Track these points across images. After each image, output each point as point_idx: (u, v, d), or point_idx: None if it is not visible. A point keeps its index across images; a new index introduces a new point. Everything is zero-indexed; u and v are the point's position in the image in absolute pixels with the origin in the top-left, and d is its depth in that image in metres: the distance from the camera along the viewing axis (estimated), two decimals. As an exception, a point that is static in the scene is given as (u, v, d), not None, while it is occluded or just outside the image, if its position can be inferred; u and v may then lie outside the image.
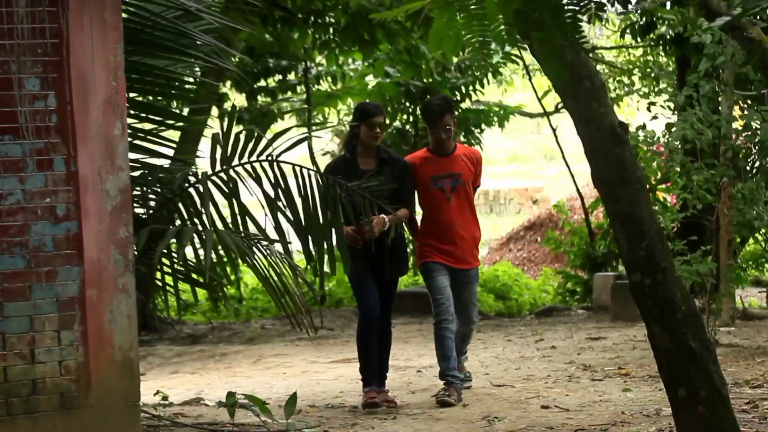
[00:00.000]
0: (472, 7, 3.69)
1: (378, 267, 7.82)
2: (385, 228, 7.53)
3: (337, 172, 7.51)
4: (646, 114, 11.44)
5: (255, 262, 6.97)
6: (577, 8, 3.78)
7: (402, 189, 7.77)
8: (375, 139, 7.73)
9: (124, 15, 6.17)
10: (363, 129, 7.72)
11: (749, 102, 11.00)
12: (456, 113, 16.90)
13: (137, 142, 7.25)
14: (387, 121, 7.81)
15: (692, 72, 11.22)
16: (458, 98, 18.00)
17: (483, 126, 18.37)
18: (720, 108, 11.43)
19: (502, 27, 3.73)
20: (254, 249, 7.02)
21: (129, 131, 6.45)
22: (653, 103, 11.23)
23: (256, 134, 7.52)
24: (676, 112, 10.95)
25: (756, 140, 10.69)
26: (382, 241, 7.62)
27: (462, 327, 8.04)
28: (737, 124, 10.89)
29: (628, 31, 14.51)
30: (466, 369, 8.62)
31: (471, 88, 17.85)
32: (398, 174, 7.78)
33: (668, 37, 13.77)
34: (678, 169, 11.00)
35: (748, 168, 11.17)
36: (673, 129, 10.69)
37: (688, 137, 10.58)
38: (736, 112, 11.56)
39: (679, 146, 10.81)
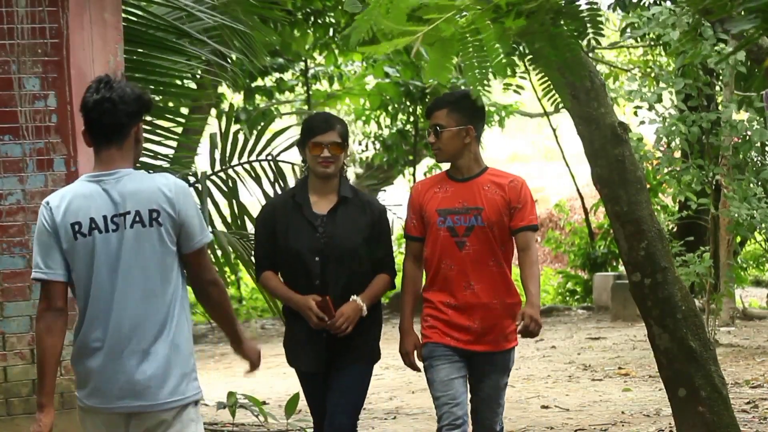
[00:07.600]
0: (469, 39, 3.65)
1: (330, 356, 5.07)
2: (360, 316, 5.03)
3: (275, 216, 5.09)
4: (638, 118, 11.41)
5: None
6: (576, 34, 3.77)
7: (378, 247, 5.07)
8: (324, 167, 4.98)
9: (124, 15, 6.17)
10: (308, 153, 5.05)
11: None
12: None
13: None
14: (346, 140, 5.07)
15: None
16: (458, 98, 18.00)
17: (483, 126, 18.39)
18: (719, 107, 11.42)
19: (503, 58, 3.69)
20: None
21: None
22: (639, 107, 11.20)
23: (255, 133, 7.50)
24: (653, 109, 10.93)
25: (743, 135, 10.69)
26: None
27: None
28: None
29: (629, 30, 14.49)
30: None
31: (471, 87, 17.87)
32: (367, 223, 5.05)
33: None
34: (666, 170, 10.99)
35: (748, 164, 11.15)
36: (657, 126, 10.70)
37: (662, 133, 10.57)
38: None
39: (663, 144, 10.82)
